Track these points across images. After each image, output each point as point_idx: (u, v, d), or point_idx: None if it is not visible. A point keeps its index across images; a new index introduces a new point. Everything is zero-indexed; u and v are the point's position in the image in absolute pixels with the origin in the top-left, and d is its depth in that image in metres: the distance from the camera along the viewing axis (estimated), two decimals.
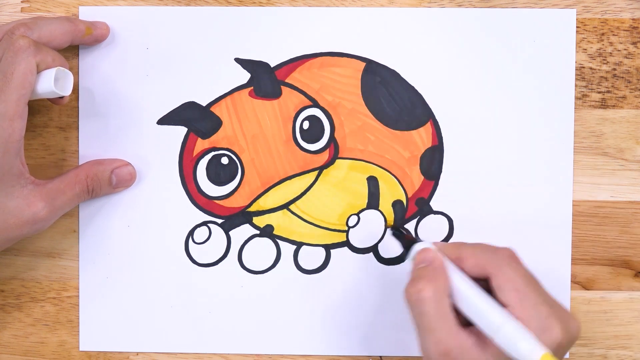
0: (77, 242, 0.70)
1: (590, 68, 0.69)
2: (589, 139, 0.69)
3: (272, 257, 0.70)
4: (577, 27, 0.69)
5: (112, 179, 0.67)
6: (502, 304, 0.55)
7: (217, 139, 0.69)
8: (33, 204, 0.62)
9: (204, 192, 0.70)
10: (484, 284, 0.57)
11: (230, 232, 0.70)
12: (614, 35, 0.69)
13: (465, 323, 0.56)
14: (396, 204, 0.70)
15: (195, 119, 0.69)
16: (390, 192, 0.70)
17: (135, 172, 0.69)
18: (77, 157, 0.70)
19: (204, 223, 0.70)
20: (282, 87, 0.69)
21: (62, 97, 0.64)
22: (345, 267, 0.70)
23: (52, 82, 0.61)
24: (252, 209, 0.70)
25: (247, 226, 0.70)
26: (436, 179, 0.69)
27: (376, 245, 0.70)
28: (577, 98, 0.69)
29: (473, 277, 0.57)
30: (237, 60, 0.69)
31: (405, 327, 0.70)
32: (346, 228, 0.70)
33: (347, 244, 0.70)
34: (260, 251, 0.70)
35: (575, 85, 0.69)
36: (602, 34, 0.69)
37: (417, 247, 0.60)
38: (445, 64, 0.69)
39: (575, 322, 0.56)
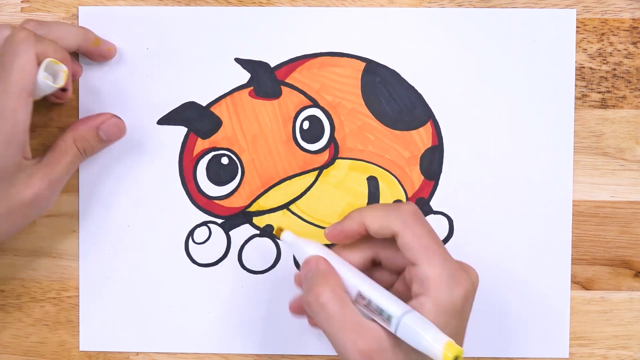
0: (77, 242, 0.70)
1: (590, 68, 0.69)
2: (589, 139, 0.69)
3: (272, 257, 0.70)
4: (577, 27, 0.69)
5: (101, 135, 0.67)
6: (410, 262, 0.55)
7: (217, 139, 0.69)
8: (33, 184, 0.62)
9: (204, 192, 0.70)
10: (390, 242, 0.58)
11: (230, 232, 0.70)
12: (614, 35, 0.69)
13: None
14: None
15: (195, 119, 0.69)
16: (390, 192, 0.70)
17: (123, 123, 0.67)
18: None
19: (204, 223, 0.70)
20: (282, 87, 0.69)
21: (64, 91, 0.64)
22: None
23: (40, 73, 0.60)
24: (252, 209, 0.70)
25: (247, 226, 0.70)
26: (436, 179, 0.69)
27: None
28: (577, 98, 0.69)
29: (379, 238, 0.58)
30: (237, 60, 0.69)
31: None
32: None
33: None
34: (260, 251, 0.70)
35: (575, 85, 0.69)
36: (602, 34, 0.69)
37: (305, 249, 0.59)
38: (445, 64, 0.69)
39: (474, 272, 0.58)
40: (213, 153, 0.70)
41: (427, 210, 0.69)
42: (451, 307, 0.54)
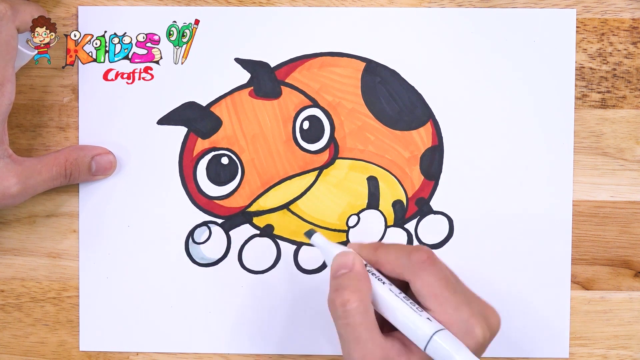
0: (77, 242, 0.70)
1: (590, 68, 0.69)
2: (589, 139, 0.69)
3: (272, 257, 0.70)
4: (577, 27, 0.69)
5: (92, 166, 0.67)
6: (424, 309, 0.54)
7: (217, 139, 0.69)
8: (6, 178, 0.61)
9: (204, 192, 0.70)
10: (406, 285, 0.56)
11: (231, 232, 0.70)
12: (614, 35, 0.69)
13: (386, 325, 0.55)
14: (396, 204, 0.70)
15: (195, 119, 0.69)
16: (390, 192, 0.70)
17: (115, 161, 0.68)
18: None
19: (204, 223, 0.70)
20: (282, 87, 0.69)
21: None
22: None
23: (22, 45, 0.63)
24: (252, 209, 0.70)
25: (247, 226, 0.70)
26: (436, 179, 0.69)
27: None
28: (577, 98, 0.69)
29: (392, 281, 0.56)
30: (237, 60, 0.69)
31: None
32: (346, 228, 0.70)
33: (347, 244, 0.70)
34: (260, 251, 0.70)
35: (575, 85, 0.69)
36: (602, 34, 0.69)
37: (335, 251, 0.58)
38: (445, 64, 0.69)
39: (496, 317, 0.56)
40: (213, 153, 0.70)
41: (427, 210, 0.69)
42: None
